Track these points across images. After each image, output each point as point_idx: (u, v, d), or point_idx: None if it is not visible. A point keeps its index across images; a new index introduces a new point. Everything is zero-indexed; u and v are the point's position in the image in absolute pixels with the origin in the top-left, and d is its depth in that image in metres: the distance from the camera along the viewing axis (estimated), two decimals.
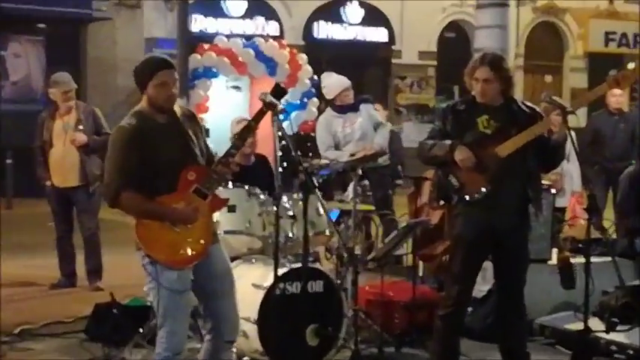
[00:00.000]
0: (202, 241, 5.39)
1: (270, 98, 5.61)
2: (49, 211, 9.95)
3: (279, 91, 5.58)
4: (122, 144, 5.36)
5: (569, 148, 7.26)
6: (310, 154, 10.66)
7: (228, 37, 17.66)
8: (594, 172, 11.79)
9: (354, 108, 10.06)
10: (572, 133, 6.21)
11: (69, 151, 9.53)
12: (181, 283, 5.34)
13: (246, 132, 5.63)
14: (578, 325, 5.79)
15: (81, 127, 9.51)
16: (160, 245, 5.34)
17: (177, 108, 5.56)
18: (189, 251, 5.36)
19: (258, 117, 5.59)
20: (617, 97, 11.84)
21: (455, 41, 24.90)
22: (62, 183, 9.61)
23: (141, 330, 6.87)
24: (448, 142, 6.19)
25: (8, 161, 17.30)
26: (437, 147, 6.26)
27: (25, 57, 19.88)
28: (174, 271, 5.31)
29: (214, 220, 6.67)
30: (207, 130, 14.81)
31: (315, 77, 16.03)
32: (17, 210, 16.68)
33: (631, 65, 8.71)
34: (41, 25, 19.87)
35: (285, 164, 7.93)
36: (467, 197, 6.26)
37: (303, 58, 17.71)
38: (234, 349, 5.91)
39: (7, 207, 17.20)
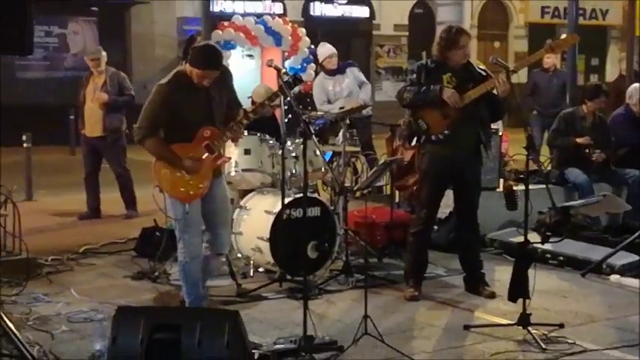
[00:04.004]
0: (201, 185, 5.45)
1: (275, 64, 5.60)
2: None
3: (296, 80, 5.53)
4: (157, 100, 5.38)
5: None
6: (309, 108, 10.61)
7: (242, 15, 17.51)
8: (533, 117, 11.88)
9: (340, 71, 10.02)
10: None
11: (95, 107, 9.46)
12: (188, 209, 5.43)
13: (259, 110, 5.65)
14: (520, 238, 5.80)
15: (107, 88, 9.41)
16: (167, 181, 5.45)
17: None
18: (188, 190, 5.43)
19: (278, 93, 5.65)
20: (552, 59, 11.91)
21: (422, 16, 24.68)
22: (90, 133, 9.57)
23: None
24: (437, 86, 6.15)
25: (71, 117, 17.23)
26: (427, 90, 6.18)
27: (81, 34, 19.73)
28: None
29: (234, 160, 6.72)
30: None
31: (312, 46, 15.90)
32: (78, 156, 16.58)
33: (563, 35, 8.72)
34: (94, 8, 19.69)
35: (289, 116, 7.94)
36: (432, 137, 6.27)
37: (302, 31, 17.55)
38: (224, 260, 6.15)
39: (71, 153, 17.18)
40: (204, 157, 5.42)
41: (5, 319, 4.70)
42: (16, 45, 4.55)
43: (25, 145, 11.10)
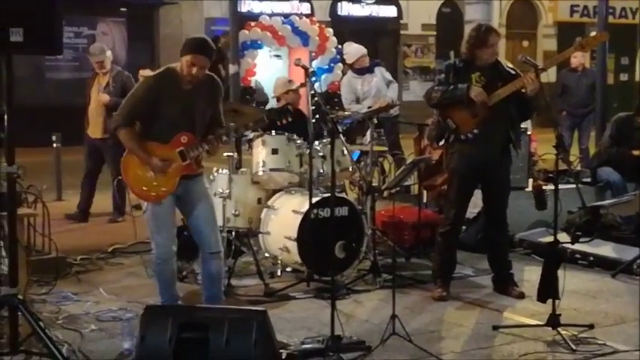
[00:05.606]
0: (163, 189, 5.29)
1: (302, 63, 5.59)
2: None
3: (285, 112, 5.57)
4: (140, 92, 5.30)
5: None
6: (336, 108, 10.60)
7: (270, 16, 17.56)
8: (562, 117, 11.81)
9: (369, 70, 9.99)
10: None
11: (98, 108, 9.37)
12: (156, 206, 5.32)
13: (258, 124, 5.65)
14: (549, 238, 5.76)
15: (110, 89, 9.28)
16: (131, 175, 5.33)
17: (205, 74, 5.31)
18: (150, 190, 5.30)
19: (264, 118, 5.59)
20: (579, 58, 11.83)
21: (450, 15, 24.59)
22: (92, 134, 9.49)
23: None
24: (465, 85, 6.13)
25: None
26: (455, 89, 6.15)
27: (110, 35, 19.81)
28: None
29: (261, 160, 6.72)
30: (252, 90, 14.78)
31: (339, 46, 15.91)
32: None
33: (592, 33, 8.59)
34: (123, 9, 19.81)
35: (317, 115, 7.93)
36: (461, 137, 6.23)
37: (329, 31, 17.62)
38: (222, 258, 5.72)
39: None
40: (174, 161, 5.24)
41: (35, 317, 4.73)
42: (46, 45, 4.58)
43: (54, 145, 11.17)
